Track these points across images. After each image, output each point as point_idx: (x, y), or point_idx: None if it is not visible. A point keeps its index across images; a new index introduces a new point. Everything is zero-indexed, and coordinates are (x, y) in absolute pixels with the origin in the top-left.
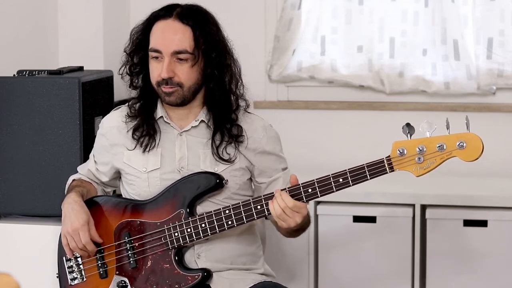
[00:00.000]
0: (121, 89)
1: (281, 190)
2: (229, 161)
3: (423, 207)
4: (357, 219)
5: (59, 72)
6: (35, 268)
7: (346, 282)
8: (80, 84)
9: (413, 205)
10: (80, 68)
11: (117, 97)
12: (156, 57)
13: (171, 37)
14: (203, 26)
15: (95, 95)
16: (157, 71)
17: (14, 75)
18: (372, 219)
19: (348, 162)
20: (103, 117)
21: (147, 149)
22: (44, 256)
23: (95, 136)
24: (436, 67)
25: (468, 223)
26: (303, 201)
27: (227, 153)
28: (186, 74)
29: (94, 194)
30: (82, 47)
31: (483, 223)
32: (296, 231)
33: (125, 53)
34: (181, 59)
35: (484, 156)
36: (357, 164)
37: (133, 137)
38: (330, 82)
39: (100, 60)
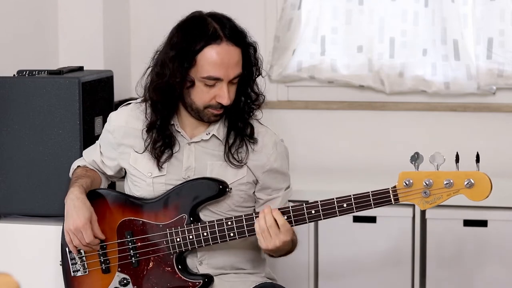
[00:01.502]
0: (121, 89)
1: (279, 209)
2: (239, 164)
3: None
4: (357, 219)
5: (59, 72)
6: (35, 268)
7: (346, 281)
8: (80, 84)
9: (413, 205)
10: (80, 68)
11: (117, 97)
12: (211, 83)
13: (231, 62)
14: (247, 43)
15: (95, 95)
16: (209, 95)
17: (14, 75)
18: (372, 219)
19: (348, 162)
20: (103, 117)
21: (161, 165)
22: (44, 256)
23: (95, 136)
24: (436, 67)
25: (468, 223)
26: (305, 222)
27: (238, 156)
28: (234, 94)
29: (99, 184)
30: (82, 47)
31: (483, 223)
32: (271, 256)
33: (155, 71)
34: (233, 82)
35: (484, 156)
36: (358, 165)
37: (151, 151)
38: (330, 82)
39: (100, 60)
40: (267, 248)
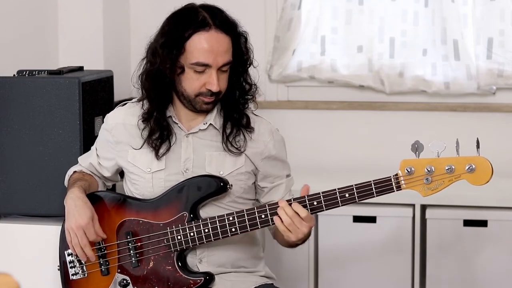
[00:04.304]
0: (121, 89)
1: (287, 200)
2: (238, 151)
3: (423, 207)
4: (357, 219)
5: (59, 72)
6: (35, 268)
7: (346, 282)
8: (80, 84)
9: (413, 205)
10: (80, 68)
11: (117, 97)
12: (201, 70)
13: (220, 49)
14: (237, 33)
15: (95, 95)
16: (199, 82)
17: (14, 75)
18: (372, 219)
19: (348, 162)
20: (103, 117)
21: (160, 155)
22: (44, 256)
23: (95, 136)
24: (436, 67)
25: (468, 223)
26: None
27: (236, 143)
28: (225, 82)
29: (96, 188)
30: (82, 47)
31: (483, 223)
32: (297, 244)
33: (148, 51)
34: (223, 70)
35: (484, 156)
36: (358, 165)
37: (148, 141)
38: (330, 82)
39: (100, 60)
40: (297, 238)
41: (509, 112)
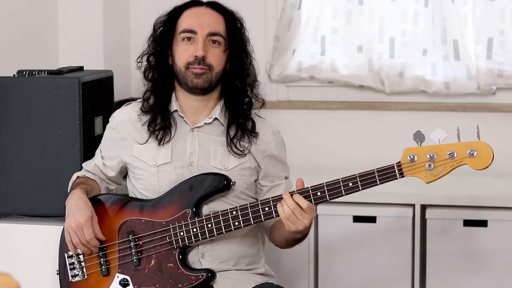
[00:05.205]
0: (121, 89)
1: (290, 192)
2: (242, 153)
3: (423, 207)
4: (357, 219)
5: (59, 72)
6: (35, 268)
7: (346, 282)
8: (80, 84)
9: (413, 205)
10: (80, 68)
11: (117, 97)
12: (189, 38)
13: (206, 19)
14: (233, 19)
15: (95, 95)
16: (188, 52)
17: (14, 75)
18: (372, 219)
19: (348, 162)
20: (103, 117)
21: (162, 143)
22: (44, 256)
23: (95, 136)
24: (436, 67)
25: (468, 223)
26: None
27: (240, 145)
28: (218, 57)
29: (98, 192)
30: (82, 47)
31: (483, 223)
32: (295, 240)
33: (147, 42)
34: (214, 42)
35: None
36: (358, 165)
37: (148, 129)
38: (330, 82)
39: (100, 60)
40: (298, 229)
41: (509, 112)
